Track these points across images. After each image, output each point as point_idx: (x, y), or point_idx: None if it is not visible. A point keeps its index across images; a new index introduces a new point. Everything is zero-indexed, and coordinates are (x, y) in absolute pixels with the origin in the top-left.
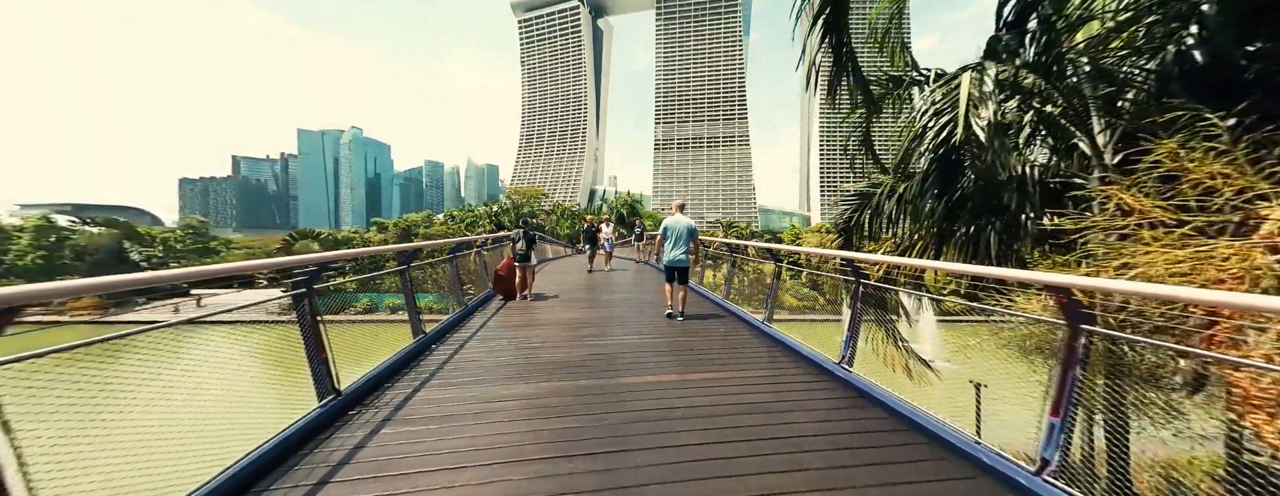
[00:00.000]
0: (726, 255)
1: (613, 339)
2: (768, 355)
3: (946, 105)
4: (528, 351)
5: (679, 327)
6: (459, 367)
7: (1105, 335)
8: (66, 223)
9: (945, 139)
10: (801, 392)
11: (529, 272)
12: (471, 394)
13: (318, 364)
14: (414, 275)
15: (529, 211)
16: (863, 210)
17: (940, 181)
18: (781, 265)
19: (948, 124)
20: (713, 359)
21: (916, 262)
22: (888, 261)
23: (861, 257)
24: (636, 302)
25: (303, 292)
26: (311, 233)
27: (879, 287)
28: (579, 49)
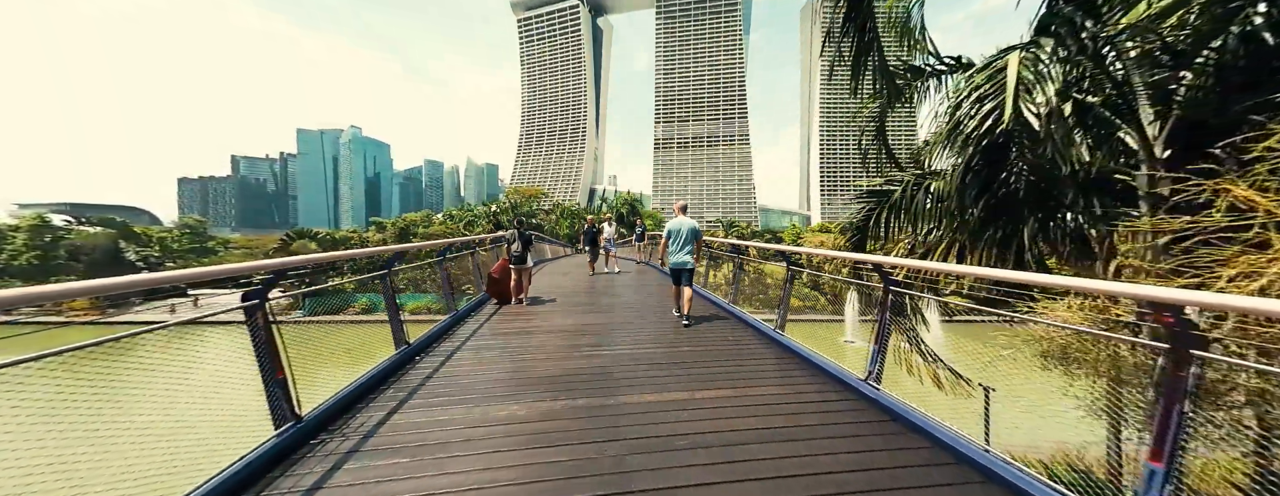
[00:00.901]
0: (732, 256)
1: (614, 349)
2: (782, 368)
3: (991, 90)
4: (521, 363)
5: (684, 336)
6: (444, 383)
7: (1233, 364)
8: (62, 222)
9: (989, 129)
10: (825, 415)
11: (525, 275)
12: (454, 416)
13: (273, 386)
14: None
15: (527, 211)
16: (878, 209)
17: (981, 176)
18: (795, 269)
19: (992, 111)
20: (722, 373)
21: (972, 271)
22: (937, 268)
23: (894, 262)
24: (638, 307)
25: (255, 304)
26: (309, 232)
27: (912, 295)
28: (578, 48)
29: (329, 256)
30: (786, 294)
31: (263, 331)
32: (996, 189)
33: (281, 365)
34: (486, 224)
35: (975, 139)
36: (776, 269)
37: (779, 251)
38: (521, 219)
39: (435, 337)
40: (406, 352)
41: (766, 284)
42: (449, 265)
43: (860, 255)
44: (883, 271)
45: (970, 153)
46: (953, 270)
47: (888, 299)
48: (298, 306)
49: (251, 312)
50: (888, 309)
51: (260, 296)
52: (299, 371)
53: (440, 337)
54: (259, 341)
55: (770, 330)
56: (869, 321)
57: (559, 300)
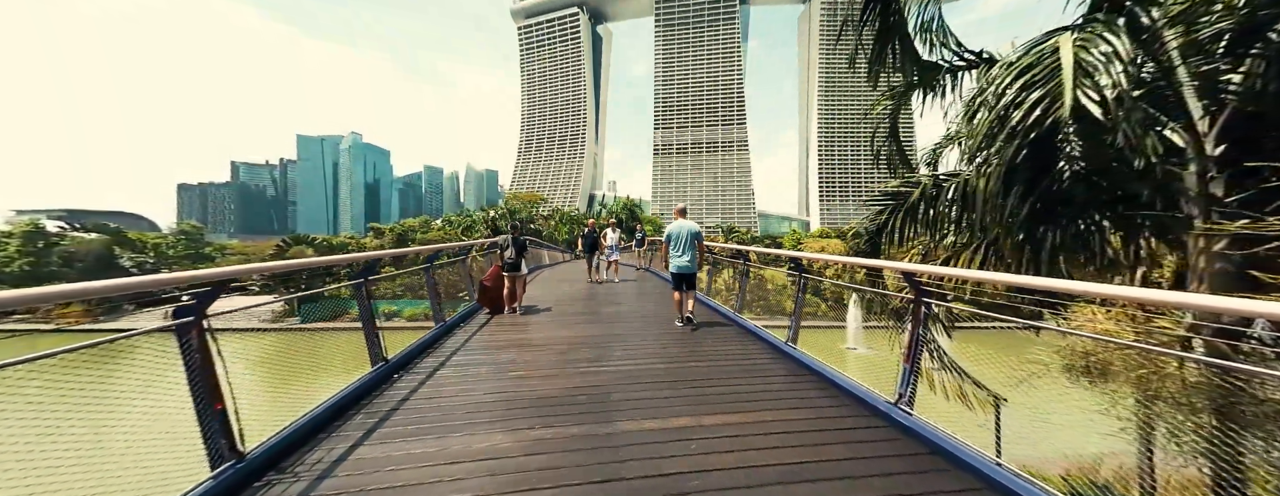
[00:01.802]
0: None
1: (612, 365)
2: (798, 388)
3: (1041, 75)
4: (510, 382)
5: (688, 349)
6: (422, 407)
7: None
8: (56, 228)
9: (1038, 119)
10: (853, 447)
11: (519, 283)
12: (428, 450)
13: (210, 420)
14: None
15: (526, 216)
16: (895, 212)
17: (1028, 172)
18: (806, 277)
19: (1042, 100)
20: (731, 394)
21: (1026, 281)
22: (982, 277)
23: (928, 271)
24: (638, 316)
25: (188, 321)
26: (305, 238)
27: (947, 306)
28: (578, 55)
29: (279, 265)
30: (799, 303)
31: (198, 354)
32: (1049, 185)
33: (221, 394)
34: (485, 229)
35: (1022, 131)
36: (777, 274)
37: (789, 257)
38: (516, 223)
39: (418, 352)
40: (383, 370)
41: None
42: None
43: (887, 262)
44: (914, 280)
45: (1016, 146)
46: (1004, 280)
47: (920, 311)
48: (293, 313)
49: (184, 332)
50: (921, 322)
51: (195, 313)
52: (281, 385)
53: (424, 352)
54: (193, 366)
55: (781, 343)
56: (874, 327)
57: (555, 309)
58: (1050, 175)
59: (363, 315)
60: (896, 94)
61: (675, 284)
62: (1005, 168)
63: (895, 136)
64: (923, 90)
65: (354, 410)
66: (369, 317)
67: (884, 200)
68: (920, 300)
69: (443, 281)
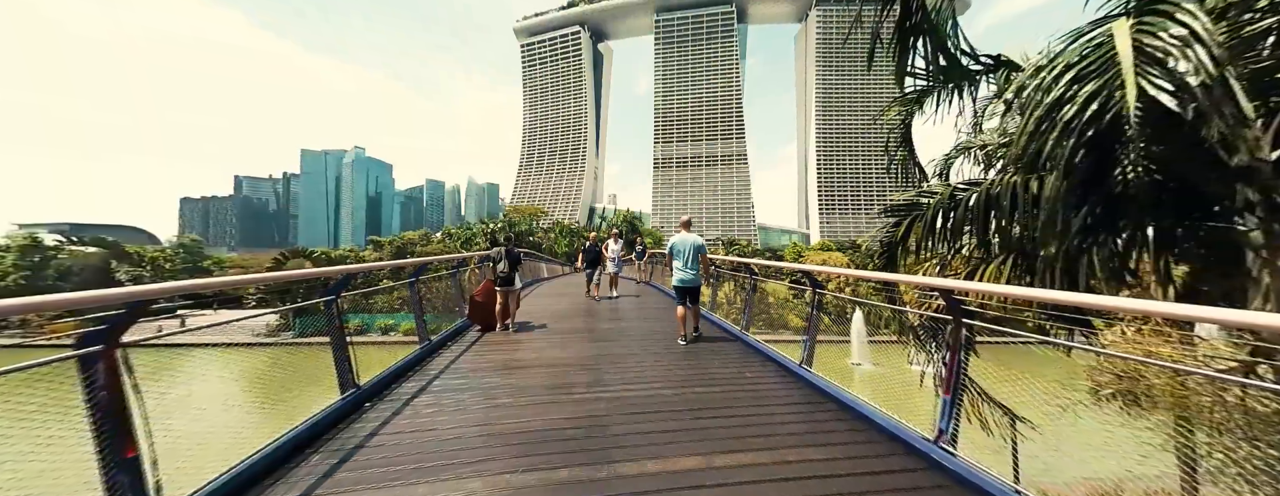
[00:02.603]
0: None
1: (610, 391)
2: (817, 419)
3: (1092, 67)
4: (495, 412)
5: (693, 371)
6: (390, 444)
7: None
8: (53, 241)
9: (1095, 114)
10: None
11: (512, 298)
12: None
13: (117, 471)
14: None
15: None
16: (912, 224)
17: (1084, 176)
18: (821, 292)
19: (1098, 94)
20: (743, 426)
21: (1104, 302)
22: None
23: (970, 288)
24: (639, 334)
25: (96, 352)
26: (304, 251)
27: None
28: (580, 72)
29: (208, 283)
30: (813, 322)
31: (105, 391)
32: (1109, 190)
33: (133, 440)
34: (484, 242)
35: (1077, 129)
36: (778, 287)
37: (802, 271)
38: (509, 235)
39: (397, 376)
40: (353, 398)
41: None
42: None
43: (920, 278)
44: (954, 299)
45: (1071, 146)
46: (1066, 299)
47: (961, 334)
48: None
49: (89, 363)
50: (962, 347)
51: (105, 339)
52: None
53: (404, 375)
54: (99, 405)
55: (793, 365)
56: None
57: (550, 326)
58: (1109, 178)
59: (332, 336)
60: (909, 100)
61: (678, 298)
62: (1063, 170)
63: (908, 145)
64: (937, 96)
65: (313, 447)
66: (340, 339)
67: (899, 211)
68: (960, 322)
69: (439, 295)
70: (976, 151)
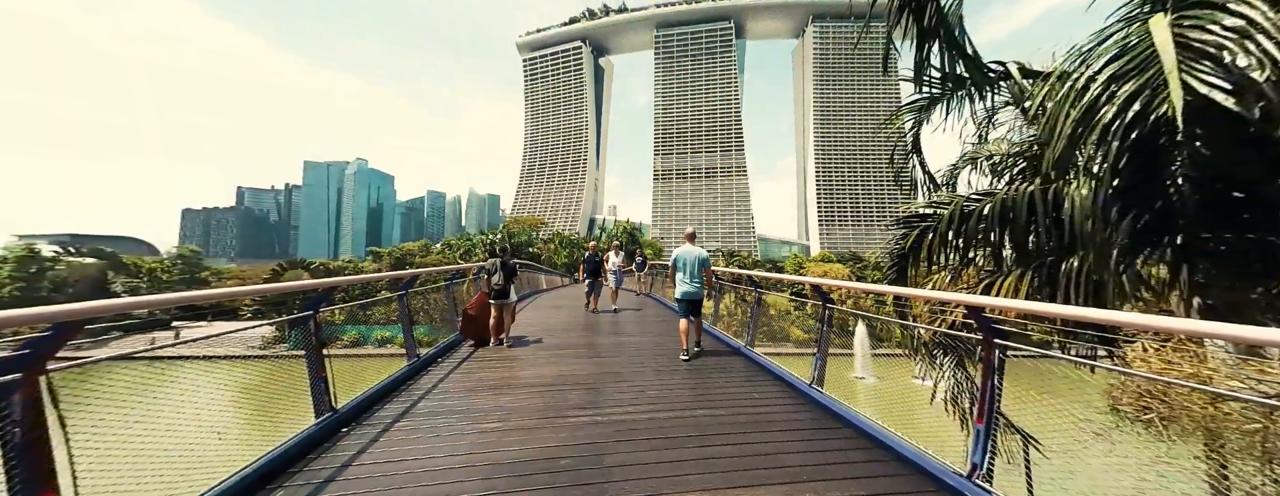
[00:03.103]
0: (742, 289)
1: (607, 413)
2: (835, 447)
3: (1130, 66)
4: (482, 437)
5: (696, 391)
6: (365, 476)
7: None
8: (51, 252)
9: (1139, 115)
10: None
11: (507, 312)
12: None
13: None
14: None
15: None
16: (923, 235)
17: (1128, 182)
18: (831, 307)
19: (1138, 94)
20: (753, 455)
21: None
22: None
23: (1013, 306)
24: (639, 349)
25: (13, 380)
26: (302, 262)
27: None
28: (581, 86)
29: (149, 301)
30: (824, 339)
31: (19, 428)
32: (1159, 196)
33: (55, 483)
34: (483, 253)
35: (1118, 132)
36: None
37: (810, 285)
38: (505, 247)
39: (381, 396)
40: (329, 423)
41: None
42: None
43: (947, 294)
44: (983, 317)
45: (1114, 149)
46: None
47: (994, 357)
48: (283, 339)
49: (4, 393)
50: (996, 371)
51: (26, 366)
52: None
53: (387, 395)
54: (12, 442)
55: (802, 384)
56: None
57: (547, 340)
58: (1155, 185)
59: (308, 355)
60: (918, 108)
61: (681, 310)
62: (1107, 176)
63: (918, 153)
64: (945, 104)
65: (277, 482)
66: (316, 358)
67: (910, 222)
68: (993, 343)
69: (437, 307)
70: (983, 162)
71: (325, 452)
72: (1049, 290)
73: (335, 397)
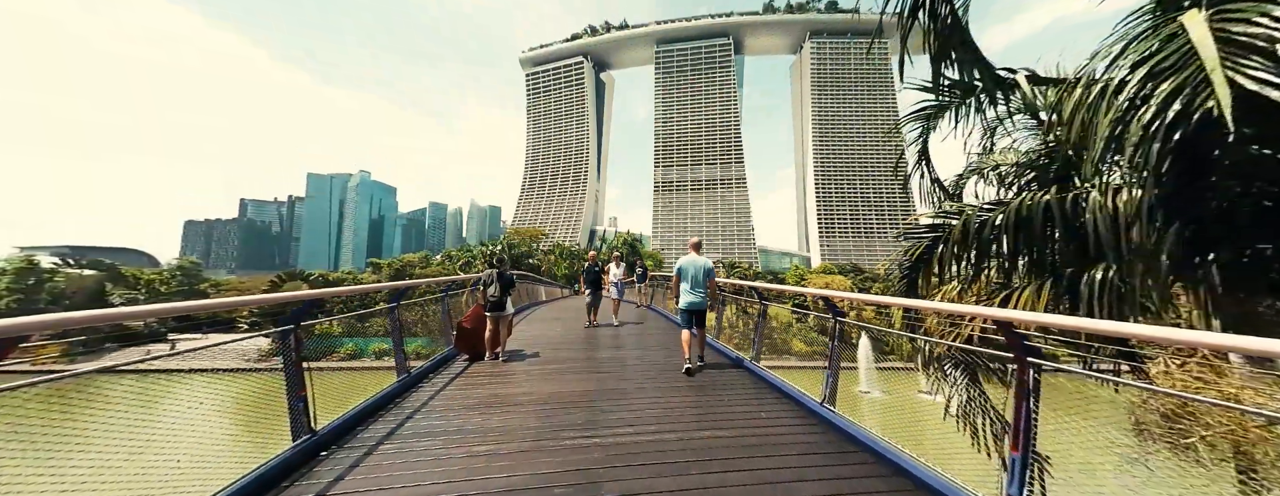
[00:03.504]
0: (743, 300)
1: (605, 434)
2: (850, 473)
3: (1167, 63)
4: (472, 462)
5: (701, 409)
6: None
7: None
8: (50, 264)
9: (1181, 114)
10: None
11: (503, 325)
12: None
13: None
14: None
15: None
16: (934, 246)
17: (1172, 186)
18: (842, 321)
19: (1178, 92)
20: (763, 483)
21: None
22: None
23: (1039, 320)
24: (639, 364)
25: None
26: (301, 273)
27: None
28: (582, 100)
29: (143, 310)
30: (835, 355)
31: None
32: (1205, 201)
33: None
34: (483, 264)
35: (1159, 134)
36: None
37: (820, 296)
38: (501, 257)
39: (366, 416)
40: (306, 446)
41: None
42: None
43: (973, 308)
44: (1014, 333)
45: (1156, 152)
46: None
47: (1028, 376)
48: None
49: None
50: (1032, 393)
51: None
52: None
53: (374, 414)
54: None
55: (814, 403)
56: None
57: (544, 355)
58: (1200, 189)
59: (287, 372)
60: (926, 116)
61: (685, 321)
62: (1153, 179)
63: (927, 162)
64: (954, 112)
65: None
66: (295, 376)
67: (921, 233)
68: (1026, 362)
69: (434, 319)
70: (990, 172)
71: (299, 480)
72: (1069, 302)
73: (314, 418)
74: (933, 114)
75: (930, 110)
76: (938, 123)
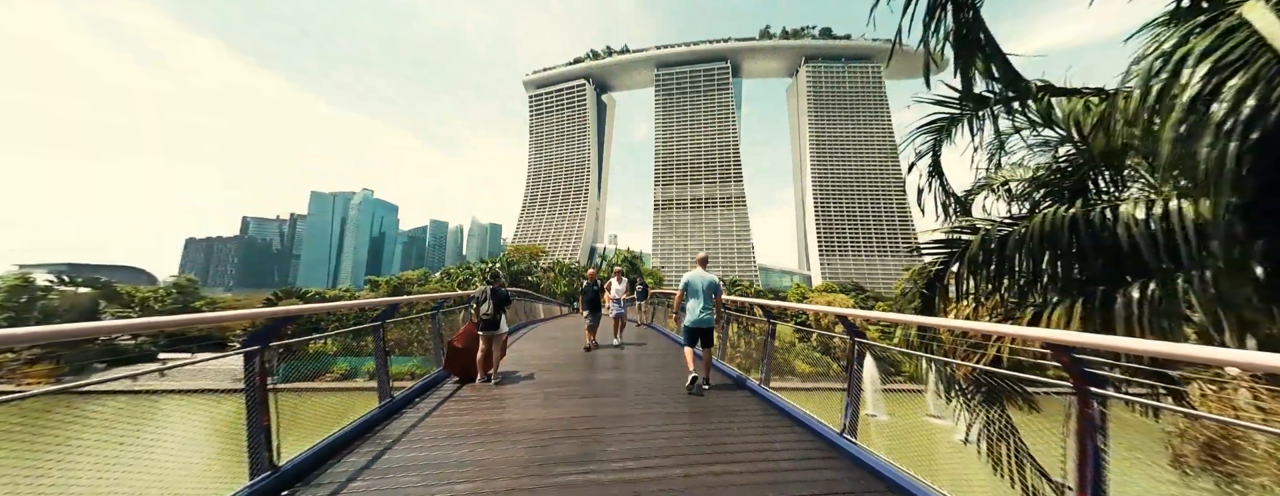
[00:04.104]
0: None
1: (604, 469)
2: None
3: (1232, 56)
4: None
5: (709, 439)
6: None
7: None
8: (45, 281)
9: (1256, 113)
10: None
11: (496, 345)
12: None
13: None
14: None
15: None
16: (950, 263)
17: (1254, 193)
18: (862, 343)
19: (1250, 88)
20: None
21: None
22: None
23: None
24: (642, 388)
25: None
26: (298, 291)
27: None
28: (583, 120)
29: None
30: (854, 377)
31: None
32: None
33: None
34: (482, 281)
35: (1236, 131)
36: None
37: (837, 315)
38: (494, 272)
39: (340, 447)
40: (266, 485)
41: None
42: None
43: (1025, 330)
44: (1074, 357)
45: (1232, 152)
46: None
47: (1094, 411)
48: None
49: None
50: (1099, 429)
51: None
52: None
53: (351, 444)
54: None
55: (832, 434)
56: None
57: (539, 376)
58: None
59: (249, 400)
60: (938, 128)
61: (688, 339)
62: (1230, 184)
63: (940, 176)
64: (969, 123)
65: None
66: (258, 403)
67: (936, 249)
68: (1088, 392)
69: (430, 337)
70: (998, 186)
71: None
72: (1099, 322)
73: (278, 452)
74: (944, 126)
75: (942, 123)
76: (951, 134)
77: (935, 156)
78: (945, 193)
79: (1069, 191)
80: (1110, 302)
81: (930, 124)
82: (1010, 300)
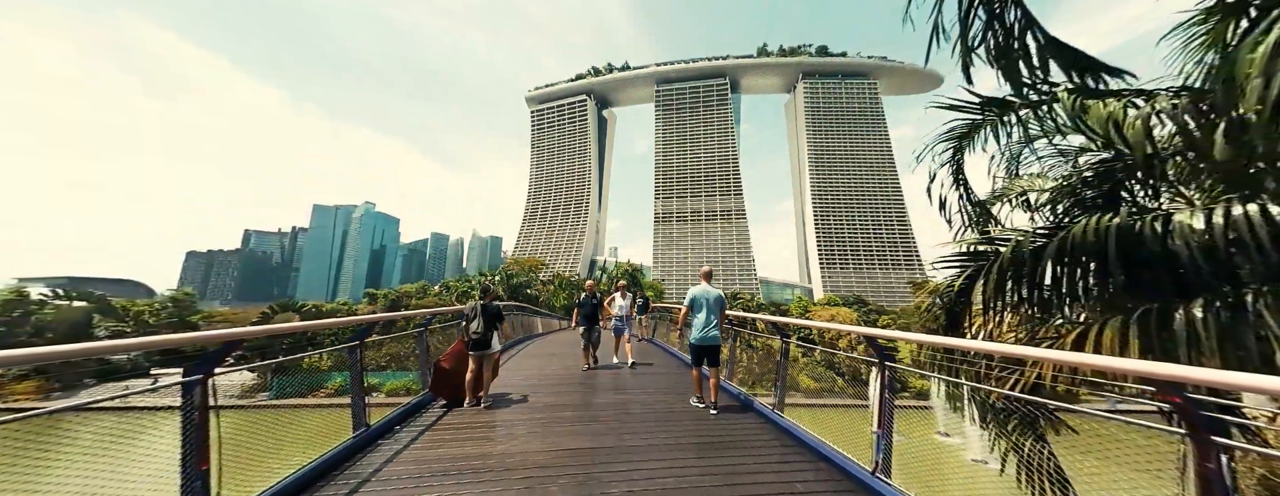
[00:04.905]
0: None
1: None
2: None
3: None
4: None
5: (720, 477)
6: None
7: None
8: (39, 295)
9: None
10: None
11: (487, 365)
12: None
13: None
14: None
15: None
16: (976, 276)
17: None
18: (892, 366)
19: None
20: None
21: None
22: None
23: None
24: (645, 414)
25: None
26: (294, 304)
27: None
28: (584, 134)
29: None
30: (888, 411)
31: None
32: None
33: None
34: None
35: None
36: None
37: (863, 335)
38: (487, 286)
39: (303, 487)
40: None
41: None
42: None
43: (1129, 364)
44: (1188, 399)
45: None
46: None
47: (1221, 464)
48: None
49: None
50: (1221, 484)
51: None
52: None
53: (314, 486)
54: None
55: (862, 472)
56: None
57: (534, 400)
58: None
59: (185, 438)
60: (958, 135)
61: (695, 358)
62: None
63: (964, 184)
64: (996, 128)
65: None
66: (199, 438)
67: (961, 261)
68: (1205, 439)
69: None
70: (1016, 197)
71: None
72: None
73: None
74: (965, 133)
75: (962, 129)
76: (973, 142)
77: (958, 164)
78: (970, 202)
79: (1103, 200)
80: (1169, 322)
81: (950, 132)
82: (1037, 317)
